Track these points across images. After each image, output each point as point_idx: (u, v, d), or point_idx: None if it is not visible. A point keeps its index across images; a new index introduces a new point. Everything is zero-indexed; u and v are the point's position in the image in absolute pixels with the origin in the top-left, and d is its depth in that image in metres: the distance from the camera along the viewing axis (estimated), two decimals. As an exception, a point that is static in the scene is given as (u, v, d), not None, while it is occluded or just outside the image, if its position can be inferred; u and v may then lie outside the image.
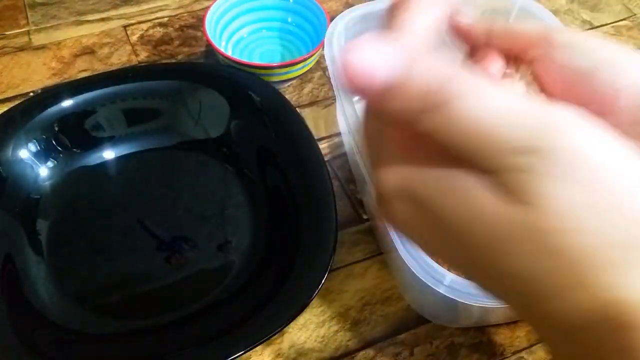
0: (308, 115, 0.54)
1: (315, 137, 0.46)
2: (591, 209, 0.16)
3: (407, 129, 0.19)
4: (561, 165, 0.16)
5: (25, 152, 0.46)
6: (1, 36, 0.60)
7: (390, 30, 0.21)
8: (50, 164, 0.47)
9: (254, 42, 0.59)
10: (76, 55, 0.58)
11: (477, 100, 0.17)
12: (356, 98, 0.48)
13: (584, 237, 0.16)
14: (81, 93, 0.48)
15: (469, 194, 0.18)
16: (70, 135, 0.48)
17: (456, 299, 0.33)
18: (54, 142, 0.47)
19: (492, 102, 0.17)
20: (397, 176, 0.20)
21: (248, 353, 0.36)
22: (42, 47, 0.59)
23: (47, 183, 0.47)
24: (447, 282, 0.33)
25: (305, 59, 0.52)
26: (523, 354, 0.42)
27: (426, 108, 0.17)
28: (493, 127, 0.17)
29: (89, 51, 0.59)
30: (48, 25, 0.61)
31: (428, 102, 0.17)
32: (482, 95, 0.17)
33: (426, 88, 0.17)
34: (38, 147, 0.47)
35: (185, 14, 0.63)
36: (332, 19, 0.46)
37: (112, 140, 0.49)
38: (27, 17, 0.62)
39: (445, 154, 0.18)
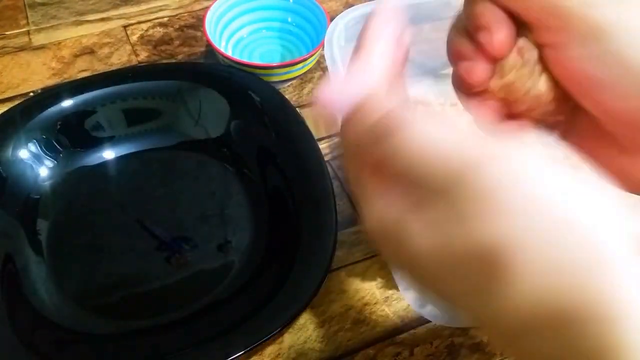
0: (308, 115, 0.54)
1: (315, 137, 0.46)
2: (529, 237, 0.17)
3: (369, 163, 0.21)
4: (479, 195, 0.18)
5: (25, 152, 0.46)
6: (1, 36, 0.60)
7: (354, 62, 0.23)
8: (50, 164, 0.47)
9: (254, 42, 0.59)
10: (76, 55, 0.58)
11: (422, 127, 0.19)
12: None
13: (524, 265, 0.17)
14: (81, 93, 0.48)
15: (411, 231, 0.19)
16: (70, 135, 0.48)
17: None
18: (54, 142, 0.47)
19: (435, 130, 0.19)
20: (372, 218, 0.21)
21: (248, 353, 0.36)
22: (42, 47, 0.59)
23: (47, 183, 0.47)
24: (447, 282, 0.33)
25: (305, 59, 0.52)
26: (523, 354, 0.42)
27: (376, 139, 0.19)
28: (429, 158, 0.18)
29: (89, 51, 0.59)
30: (48, 25, 0.61)
31: (377, 133, 0.19)
32: (426, 123, 0.19)
33: (375, 121, 0.19)
34: (38, 147, 0.47)
35: (185, 14, 0.63)
36: (332, 19, 0.46)
37: (112, 140, 0.49)
38: (27, 17, 0.62)
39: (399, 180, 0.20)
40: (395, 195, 0.20)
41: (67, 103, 0.48)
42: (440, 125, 0.19)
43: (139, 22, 0.62)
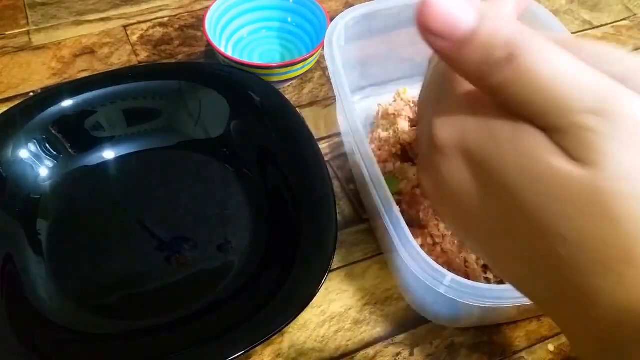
0: (308, 115, 0.54)
1: (315, 137, 0.46)
2: None
3: (477, 82, 0.19)
4: (628, 130, 0.16)
5: (25, 152, 0.46)
6: (1, 36, 0.60)
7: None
8: (50, 164, 0.47)
9: (254, 42, 0.59)
10: (76, 55, 0.58)
11: (549, 58, 0.17)
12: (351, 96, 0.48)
13: None
14: (81, 93, 0.48)
15: (533, 149, 0.18)
16: (71, 135, 0.48)
17: (456, 299, 0.33)
18: (54, 142, 0.47)
19: (563, 63, 0.17)
20: (457, 126, 0.19)
21: (248, 353, 0.36)
22: (42, 47, 0.59)
23: (47, 183, 0.47)
24: (447, 282, 0.33)
25: (305, 59, 0.52)
26: (523, 354, 0.42)
27: (499, 60, 0.18)
28: (564, 84, 0.17)
29: (89, 51, 0.59)
30: (48, 25, 0.61)
31: (501, 54, 0.18)
32: (555, 55, 0.17)
33: (501, 41, 0.18)
34: (38, 147, 0.47)
35: (185, 14, 0.63)
36: (332, 19, 0.46)
37: (112, 140, 0.49)
38: (27, 17, 0.62)
39: (512, 112, 0.18)
40: (502, 113, 0.18)
41: (67, 103, 0.48)
42: (575, 59, 0.18)
43: (139, 22, 0.62)
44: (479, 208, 0.19)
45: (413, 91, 0.51)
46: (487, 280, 0.40)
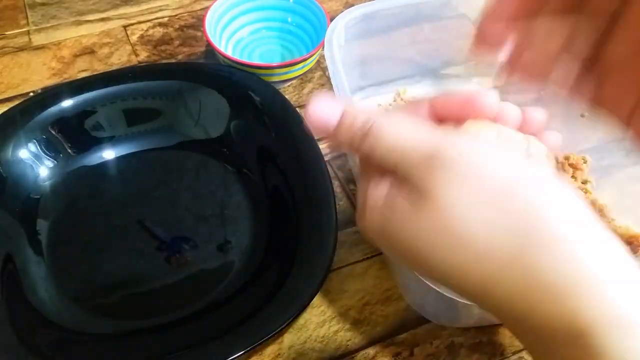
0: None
1: (315, 137, 0.46)
2: (473, 202, 0.20)
3: (355, 152, 0.25)
4: (453, 166, 0.21)
5: (25, 152, 0.46)
6: (1, 36, 0.60)
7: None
8: (50, 164, 0.47)
9: (254, 42, 0.59)
10: (76, 55, 0.58)
11: (391, 127, 0.23)
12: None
13: (474, 225, 0.20)
14: (81, 93, 0.48)
15: (395, 201, 0.23)
16: (71, 135, 0.48)
17: (456, 299, 0.33)
18: (54, 142, 0.47)
19: (402, 127, 0.23)
20: (367, 218, 0.25)
21: (248, 353, 0.36)
22: (42, 47, 0.59)
23: (47, 183, 0.47)
24: (447, 282, 0.33)
25: (305, 59, 0.52)
26: (523, 354, 0.42)
27: (360, 135, 0.24)
28: (403, 142, 0.22)
29: (89, 51, 0.59)
30: (48, 25, 0.61)
31: (361, 131, 0.24)
32: (396, 123, 0.23)
33: (359, 123, 0.24)
34: (38, 147, 0.47)
35: (185, 14, 0.63)
36: (332, 19, 0.46)
37: (112, 140, 0.49)
38: (27, 17, 0.62)
39: (386, 176, 0.24)
40: (380, 178, 0.24)
41: (67, 103, 0.48)
42: (403, 124, 0.23)
43: (139, 22, 0.62)
44: (403, 259, 0.25)
45: (413, 91, 0.51)
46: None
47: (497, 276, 0.20)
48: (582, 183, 0.47)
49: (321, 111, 0.25)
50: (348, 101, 0.26)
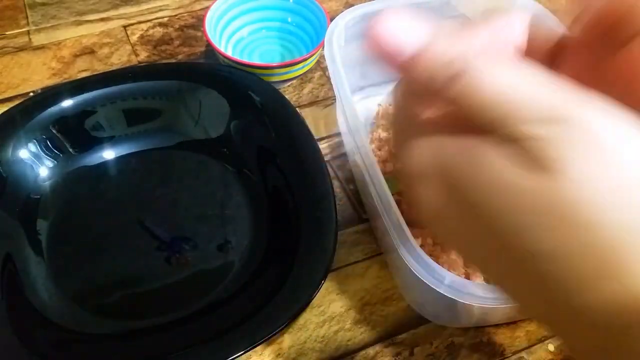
0: (308, 115, 0.54)
1: (315, 137, 0.46)
2: (615, 186, 0.16)
3: (434, 101, 0.20)
4: (582, 136, 0.16)
5: (25, 152, 0.46)
6: (1, 36, 0.60)
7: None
8: (50, 164, 0.47)
9: (254, 42, 0.59)
10: (76, 55, 0.58)
11: (495, 74, 0.18)
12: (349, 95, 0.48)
13: (612, 214, 0.16)
14: (81, 93, 0.48)
15: (489, 162, 0.18)
16: (71, 135, 0.48)
17: (456, 299, 0.33)
18: (54, 142, 0.47)
19: (511, 78, 0.17)
20: (424, 153, 0.20)
21: (248, 353, 0.36)
22: (42, 47, 0.59)
23: (47, 183, 0.47)
24: (447, 282, 0.33)
25: (305, 59, 0.52)
26: (523, 354, 0.42)
27: (450, 75, 0.18)
28: (515, 95, 0.17)
29: (89, 51, 0.59)
30: (48, 25, 0.61)
31: (452, 69, 0.18)
32: (504, 67, 0.18)
33: (450, 57, 0.18)
34: (38, 147, 0.47)
35: (185, 14, 0.63)
36: (332, 19, 0.46)
37: (112, 140, 0.49)
38: (27, 17, 0.62)
39: (470, 126, 0.18)
40: (463, 132, 0.19)
41: (67, 103, 0.48)
42: (512, 73, 0.18)
43: (139, 22, 0.62)
44: (459, 227, 0.20)
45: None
46: (487, 280, 0.40)
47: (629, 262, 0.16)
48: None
49: (396, 31, 0.19)
50: (434, 28, 0.20)
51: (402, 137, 0.21)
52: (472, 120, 0.18)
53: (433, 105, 0.20)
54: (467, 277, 0.40)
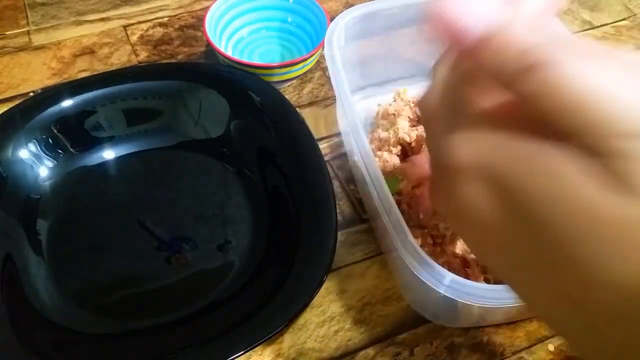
0: (308, 115, 0.54)
1: (315, 137, 0.46)
2: None
3: (497, 93, 0.17)
4: None
5: (25, 152, 0.46)
6: (1, 36, 0.60)
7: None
8: (50, 164, 0.47)
9: (254, 42, 0.59)
10: (76, 55, 0.58)
11: (588, 67, 0.15)
12: (349, 95, 0.48)
13: None
14: (81, 93, 0.48)
15: (566, 177, 0.15)
16: (71, 135, 0.48)
17: (456, 299, 0.33)
18: (54, 142, 0.47)
19: (601, 78, 0.14)
20: (477, 146, 0.17)
21: (248, 353, 0.36)
22: (42, 47, 0.59)
23: (47, 183, 0.47)
24: (447, 282, 0.33)
25: (305, 59, 0.52)
26: (523, 354, 0.42)
27: (526, 65, 0.15)
28: (606, 102, 0.14)
29: (89, 51, 0.59)
30: (48, 25, 0.61)
31: (529, 59, 0.15)
32: (592, 66, 0.15)
33: (527, 45, 0.16)
34: (38, 147, 0.47)
35: (185, 14, 0.63)
36: (332, 19, 0.46)
37: (112, 140, 0.49)
38: (27, 17, 0.62)
39: (539, 127, 0.16)
40: (526, 131, 0.16)
41: (67, 103, 0.48)
42: (618, 71, 0.15)
43: (139, 22, 0.62)
44: (503, 236, 0.17)
45: (413, 91, 0.51)
46: (487, 280, 0.40)
47: None
48: None
49: (466, 10, 0.17)
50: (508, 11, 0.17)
51: (447, 124, 0.19)
52: (545, 122, 0.15)
53: (492, 94, 0.18)
54: (467, 277, 0.40)
